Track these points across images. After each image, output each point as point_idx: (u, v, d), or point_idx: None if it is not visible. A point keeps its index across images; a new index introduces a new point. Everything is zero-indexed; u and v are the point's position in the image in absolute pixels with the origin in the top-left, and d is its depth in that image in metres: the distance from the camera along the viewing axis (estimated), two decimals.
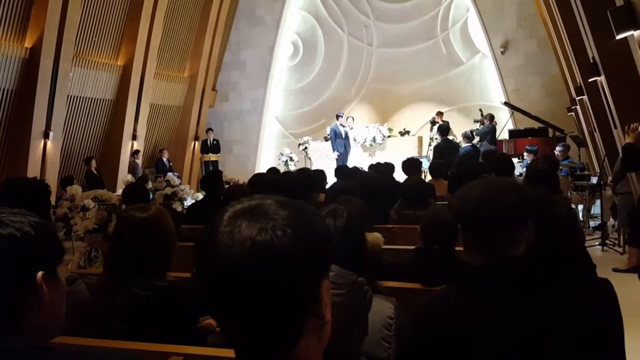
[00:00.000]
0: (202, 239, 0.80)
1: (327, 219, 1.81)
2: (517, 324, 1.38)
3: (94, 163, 11.62)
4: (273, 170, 5.33)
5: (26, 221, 1.11)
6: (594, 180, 8.27)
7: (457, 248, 2.52)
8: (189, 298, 1.94)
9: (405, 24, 14.55)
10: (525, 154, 9.22)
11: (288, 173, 5.12)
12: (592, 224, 8.55)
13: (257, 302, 0.75)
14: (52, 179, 10.63)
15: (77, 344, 1.86)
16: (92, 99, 11.98)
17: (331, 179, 5.74)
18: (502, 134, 12.23)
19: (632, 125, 5.01)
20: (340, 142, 12.11)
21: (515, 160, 10.11)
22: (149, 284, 1.98)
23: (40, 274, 1.09)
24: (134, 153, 12.82)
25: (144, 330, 1.93)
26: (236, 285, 0.75)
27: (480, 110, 12.36)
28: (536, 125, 11.96)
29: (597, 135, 8.25)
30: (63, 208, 6.49)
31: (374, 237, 2.66)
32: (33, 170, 10.22)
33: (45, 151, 10.56)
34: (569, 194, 7.95)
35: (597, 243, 7.36)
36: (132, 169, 12.50)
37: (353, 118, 13.30)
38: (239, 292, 0.75)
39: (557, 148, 8.84)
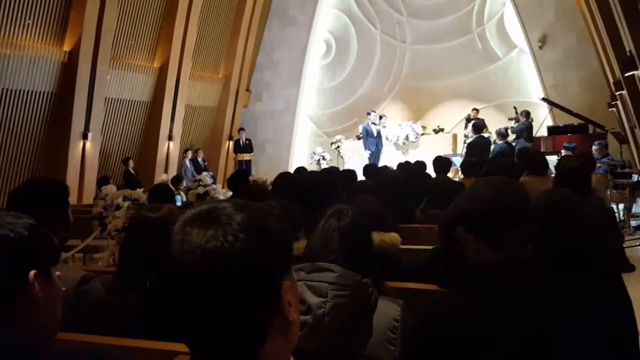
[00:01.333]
0: (160, 251, 0.81)
1: (331, 219, 1.79)
2: (521, 326, 1.35)
3: (131, 163, 11.91)
4: (299, 170, 5.33)
5: (20, 223, 1.13)
6: (635, 178, 7.96)
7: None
8: None
9: (440, 19, 14.34)
10: (563, 151, 8.95)
11: (312, 173, 5.11)
12: (633, 223, 8.23)
13: (211, 309, 0.75)
14: (90, 179, 10.95)
15: (89, 342, 1.89)
16: (129, 100, 12.27)
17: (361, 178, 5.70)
18: (541, 131, 11.91)
19: None
20: (371, 140, 12.02)
21: (554, 157, 9.85)
22: (153, 280, 2.00)
23: (32, 273, 1.11)
24: (184, 152, 13.26)
25: (156, 329, 1.95)
26: (189, 293, 0.75)
27: (515, 108, 12.07)
28: (576, 121, 11.61)
29: (637, 131, 7.94)
30: (98, 207, 6.67)
31: (391, 237, 2.61)
32: (73, 171, 10.55)
33: (84, 152, 10.88)
34: (608, 193, 7.67)
35: (638, 243, 7.08)
36: (183, 168, 12.81)
37: (386, 116, 13.18)
38: (193, 301, 0.75)
39: (594, 146, 8.55)
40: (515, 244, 1.47)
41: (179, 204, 6.51)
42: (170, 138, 13.13)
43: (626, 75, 6.26)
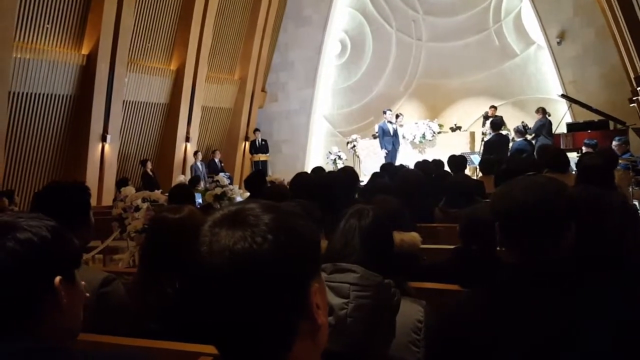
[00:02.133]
0: (186, 253, 0.80)
1: (352, 219, 1.77)
2: (544, 326, 1.32)
3: (149, 165, 12.01)
4: (316, 170, 5.32)
5: (43, 226, 1.13)
6: None
7: (497, 248, 2.43)
8: None
9: (456, 17, 14.23)
10: (583, 148, 8.82)
11: (330, 173, 5.10)
12: None
13: (240, 311, 0.74)
14: (109, 180, 11.07)
15: (111, 343, 1.90)
16: (146, 103, 12.39)
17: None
18: (560, 128, 11.75)
19: None
20: (388, 139, 11.96)
21: (574, 154, 9.71)
22: (181, 281, 2.00)
23: (58, 279, 1.11)
24: (194, 154, 13.24)
25: (177, 331, 1.95)
26: (216, 295, 0.75)
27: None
28: (596, 118, 11.42)
29: None
30: (118, 209, 6.74)
31: (411, 236, 2.60)
32: (92, 172, 10.68)
33: (103, 154, 11.01)
34: (630, 190, 7.53)
35: None
36: (193, 169, 12.90)
37: (402, 115, 13.11)
38: (220, 302, 0.75)
39: (614, 142, 8.40)
40: (543, 249, 1.40)
41: (199, 202, 6.55)
42: (187, 139, 13.22)
43: None
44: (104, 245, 6.36)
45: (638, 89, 8.86)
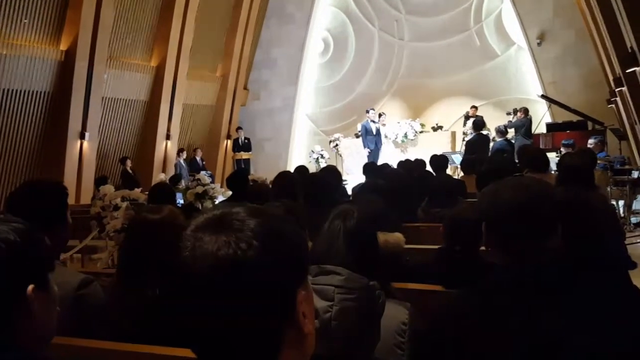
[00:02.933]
0: (168, 256, 0.77)
1: (336, 220, 1.75)
2: (534, 329, 1.31)
3: (129, 163, 11.85)
4: (300, 169, 5.28)
5: (11, 230, 1.04)
6: (635, 174, 7.93)
7: (481, 248, 2.42)
8: None
9: (438, 17, 14.30)
10: (562, 148, 8.94)
11: (314, 173, 5.07)
12: (633, 220, 8.21)
13: (224, 319, 0.71)
14: (88, 178, 10.90)
15: (90, 347, 1.85)
16: (126, 100, 12.22)
17: (361, 177, 5.67)
18: (540, 128, 11.89)
19: None
20: (370, 138, 11.99)
21: (553, 154, 9.83)
22: (162, 286, 1.96)
23: (30, 288, 1.04)
24: (178, 152, 13.19)
25: (157, 334, 1.91)
26: (199, 302, 0.71)
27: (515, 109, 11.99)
28: (575, 118, 11.59)
29: (637, 127, 7.92)
30: (96, 207, 6.62)
31: (395, 237, 2.58)
32: (70, 170, 10.50)
33: (82, 152, 10.83)
34: (608, 189, 7.65)
35: (638, 240, 7.06)
36: (178, 167, 12.81)
37: (385, 114, 13.15)
38: (203, 309, 0.71)
39: (590, 141, 8.51)
40: (531, 252, 1.39)
41: (180, 202, 6.46)
42: (168, 137, 13.08)
43: (627, 71, 6.23)
44: (82, 245, 6.24)
45: (617, 90, 8.99)
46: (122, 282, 2.03)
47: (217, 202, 7.83)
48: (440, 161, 5.94)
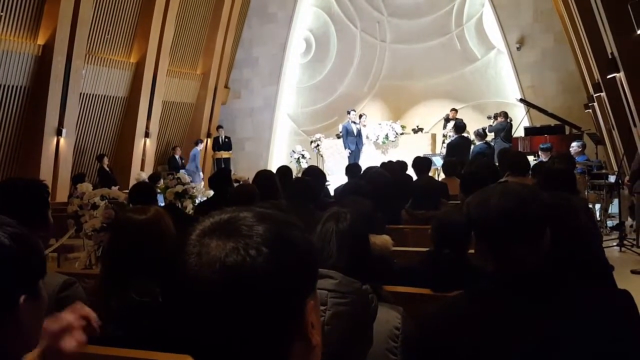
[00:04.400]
0: (170, 260, 0.73)
1: (328, 222, 1.73)
2: (525, 336, 1.31)
3: (106, 160, 11.67)
4: (283, 170, 5.24)
5: (6, 234, 0.97)
6: (612, 179, 8.07)
7: (469, 251, 2.43)
8: None
9: (419, 19, 14.39)
10: (540, 152, 9.06)
11: (298, 177, 5.04)
12: (609, 223, 8.36)
13: (230, 328, 0.68)
14: (64, 176, 10.69)
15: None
16: (104, 96, 12.02)
17: (342, 177, 5.66)
18: (518, 131, 12.04)
19: None
20: (351, 139, 12.01)
21: (531, 158, 9.95)
22: (147, 288, 1.91)
23: (22, 299, 0.96)
24: (173, 149, 13.59)
25: (142, 337, 1.86)
26: (206, 311, 0.68)
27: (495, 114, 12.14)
28: (552, 122, 11.75)
29: (615, 133, 8.06)
30: (73, 205, 6.49)
31: (383, 239, 2.57)
32: (46, 167, 10.28)
33: (58, 148, 10.62)
34: (585, 193, 7.77)
35: (614, 244, 7.18)
36: (174, 165, 12.90)
37: (366, 115, 13.18)
38: (210, 319, 0.68)
39: (574, 145, 8.65)
40: (521, 258, 1.40)
41: (161, 204, 6.37)
42: (146, 135, 12.90)
43: (608, 77, 6.33)
44: (58, 244, 6.11)
45: (595, 95, 9.15)
46: (106, 285, 1.97)
47: (197, 201, 7.75)
48: (423, 163, 5.95)
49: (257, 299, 0.68)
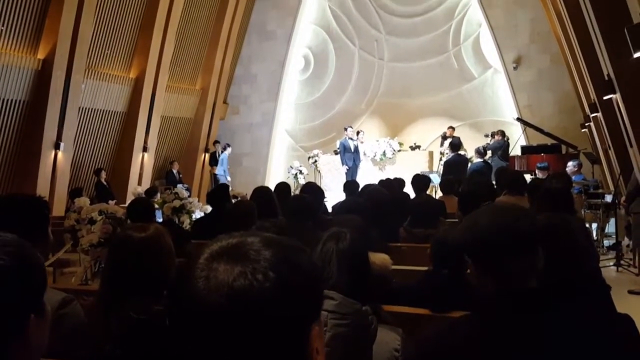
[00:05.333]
0: (177, 283, 0.74)
1: (329, 242, 1.73)
2: (525, 358, 1.31)
3: (103, 174, 11.66)
4: (282, 187, 5.24)
5: (5, 253, 0.95)
6: (608, 198, 8.10)
7: (468, 271, 2.43)
8: None
9: (417, 38, 14.52)
10: (537, 171, 9.10)
11: (296, 194, 5.04)
12: (606, 243, 8.37)
13: (236, 352, 0.68)
14: (62, 190, 10.67)
15: None
16: (103, 110, 12.04)
17: (339, 193, 5.66)
18: (515, 150, 12.10)
19: None
20: (349, 155, 12.04)
21: (527, 176, 9.99)
22: (146, 307, 1.91)
23: (32, 317, 0.96)
24: (171, 163, 13.71)
25: (140, 357, 1.85)
26: (213, 335, 0.68)
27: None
28: (549, 141, 11.82)
29: (611, 153, 8.10)
30: (71, 220, 6.47)
31: (382, 258, 2.57)
32: (43, 181, 10.26)
33: (56, 162, 10.60)
34: (582, 212, 7.80)
35: (611, 263, 7.19)
36: (171, 180, 13.06)
37: (363, 132, 13.24)
38: (216, 343, 0.68)
39: (570, 164, 8.70)
40: (517, 276, 1.42)
41: (159, 219, 6.36)
42: (144, 149, 12.91)
43: (604, 98, 6.38)
44: (54, 258, 6.07)
45: (592, 115, 9.22)
46: (105, 303, 1.96)
47: (194, 216, 7.73)
48: (422, 181, 5.95)
49: (264, 323, 0.69)
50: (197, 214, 7.91)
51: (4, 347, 0.92)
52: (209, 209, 7.30)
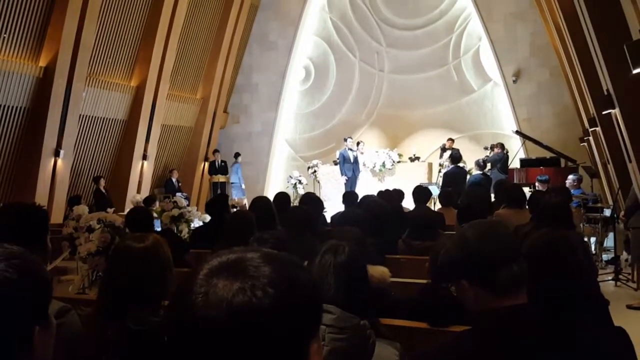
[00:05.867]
0: (176, 298, 0.74)
1: (326, 255, 1.73)
2: None
3: (102, 182, 11.65)
4: (281, 197, 5.24)
5: (9, 266, 0.94)
6: (607, 212, 8.10)
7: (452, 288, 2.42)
8: None
9: (417, 51, 14.60)
10: (537, 184, 9.11)
11: (295, 206, 5.03)
12: (604, 257, 8.36)
13: None
14: (61, 197, 10.66)
15: None
16: (104, 118, 12.07)
17: (338, 204, 5.65)
18: (514, 163, 12.13)
19: None
20: (348, 166, 12.06)
21: (526, 189, 10.00)
22: (143, 317, 1.90)
23: (37, 330, 0.96)
24: (170, 171, 13.78)
25: None
26: (212, 351, 0.68)
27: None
28: (548, 154, 11.85)
29: (610, 167, 8.11)
30: (69, 228, 6.44)
31: (381, 271, 2.57)
32: (42, 188, 10.26)
33: (55, 169, 10.60)
34: (581, 226, 7.79)
35: (610, 278, 7.17)
36: (170, 188, 13.15)
37: (363, 143, 13.27)
38: (215, 359, 0.68)
39: (570, 177, 8.71)
40: (510, 283, 1.44)
41: (157, 228, 6.34)
42: (144, 157, 12.92)
43: (603, 113, 6.41)
44: (52, 265, 6.06)
45: (591, 129, 9.25)
46: (102, 313, 1.96)
47: (193, 225, 7.71)
48: (423, 193, 5.91)
49: (263, 340, 0.69)
50: (196, 223, 7.89)
51: (10, 358, 0.93)
52: (207, 218, 7.29)
